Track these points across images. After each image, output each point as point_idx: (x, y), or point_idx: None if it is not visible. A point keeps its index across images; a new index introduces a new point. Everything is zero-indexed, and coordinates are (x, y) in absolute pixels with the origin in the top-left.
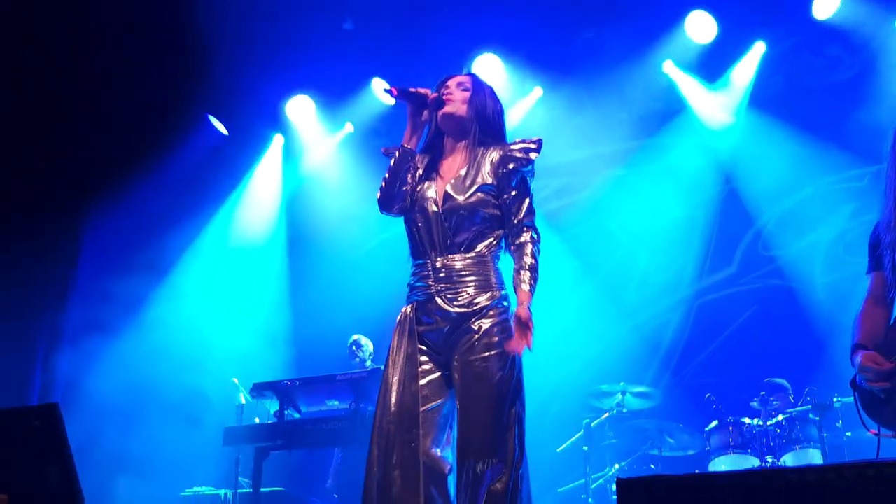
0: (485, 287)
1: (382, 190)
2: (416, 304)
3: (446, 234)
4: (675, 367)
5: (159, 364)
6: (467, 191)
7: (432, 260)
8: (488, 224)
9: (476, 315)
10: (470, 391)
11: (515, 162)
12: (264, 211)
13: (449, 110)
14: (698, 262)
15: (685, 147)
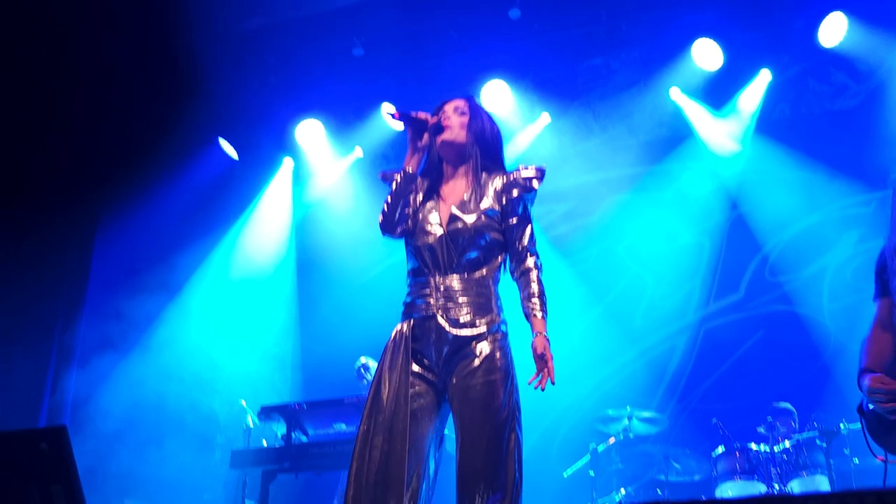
0: (485, 310)
1: (385, 213)
2: (414, 321)
3: (451, 254)
4: (682, 392)
5: (167, 386)
6: (473, 213)
7: (435, 279)
8: (491, 247)
9: (476, 338)
10: (471, 417)
11: (519, 189)
12: (273, 234)
13: (448, 137)
14: (705, 288)
15: (692, 173)
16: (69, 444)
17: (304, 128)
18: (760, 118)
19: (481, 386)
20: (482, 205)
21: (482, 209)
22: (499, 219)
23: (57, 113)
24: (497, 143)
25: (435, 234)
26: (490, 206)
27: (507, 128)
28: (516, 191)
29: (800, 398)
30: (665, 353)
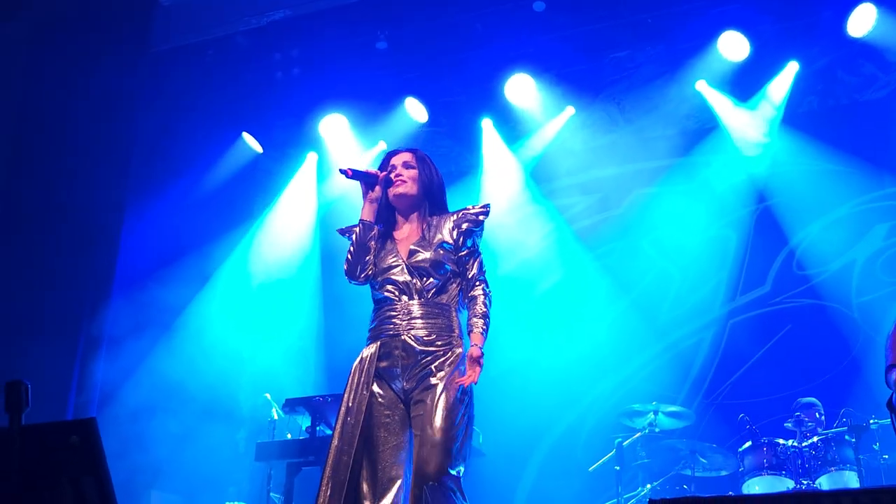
0: (446, 330)
1: (349, 262)
2: (380, 341)
3: (415, 283)
4: (708, 386)
5: (192, 378)
6: (431, 247)
7: (401, 304)
8: (448, 277)
9: (438, 354)
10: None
11: (469, 223)
12: (297, 228)
13: (399, 190)
14: (731, 282)
15: (718, 166)
16: (99, 436)
17: (327, 122)
18: (788, 110)
19: (439, 396)
20: (438, 239)
21: (437, 243)
22: (453, 251)
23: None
24: (442, 191)
25: (398, 268)
26: (444, 240)
27: (531, 122)
28: (466, 225)
29: (828, 393)
30: (691, 347)
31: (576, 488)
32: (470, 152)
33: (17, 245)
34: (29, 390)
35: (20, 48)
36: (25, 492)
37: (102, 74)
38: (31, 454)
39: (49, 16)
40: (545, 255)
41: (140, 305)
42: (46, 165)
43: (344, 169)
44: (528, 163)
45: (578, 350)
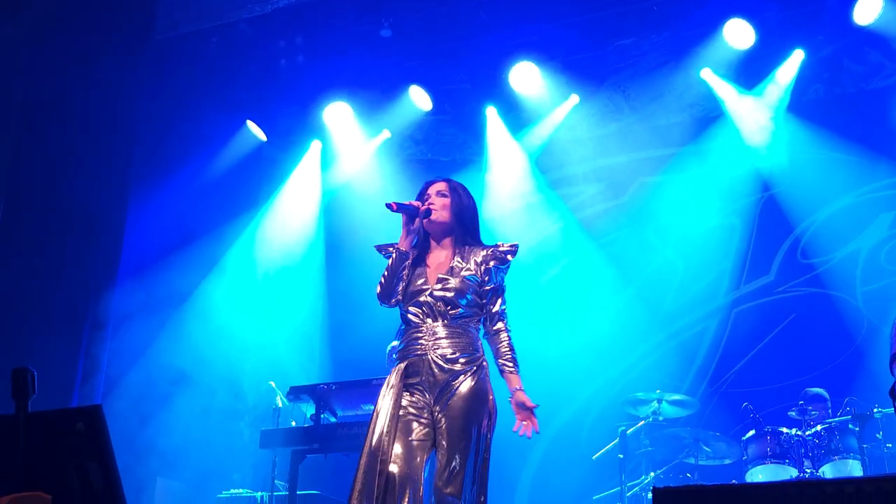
0: (469, 350)
1: (382, 286)
2: (408, 361)
3: (439, 308)
4: (712, 375)
5: (197, 366)
6: (457, 276)
7: (427, 326)
8: (471, 305)
9: (461, 372)
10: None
11: (497, 261)
12: (302, 216)
13: (434, 217)
14: (736, 270)
15: (723, 154)
16: (105, 423)
17: (332, 110)
18: (793, 98)
19: (461, 411)
20: (464, 272)
21: (464, 276)
22: (478, 284)
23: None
24: (474, 218)
25: (426, 293)
26: (471, 273)
27: (536, 110)
28: (493, 262)
29: (832, 382)
30: (696, 336)
31: (579, 477)
32: (474, 140)
33: (22, 233)
34: (35, 377)
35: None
36: (32, 478)
37: (106, 62)
38: (37, 441)
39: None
40: (549, 243)
41: (145, 293)
42: (52, 153)
43: (389, 203)
44: (533, 151)
45: (582, 339)
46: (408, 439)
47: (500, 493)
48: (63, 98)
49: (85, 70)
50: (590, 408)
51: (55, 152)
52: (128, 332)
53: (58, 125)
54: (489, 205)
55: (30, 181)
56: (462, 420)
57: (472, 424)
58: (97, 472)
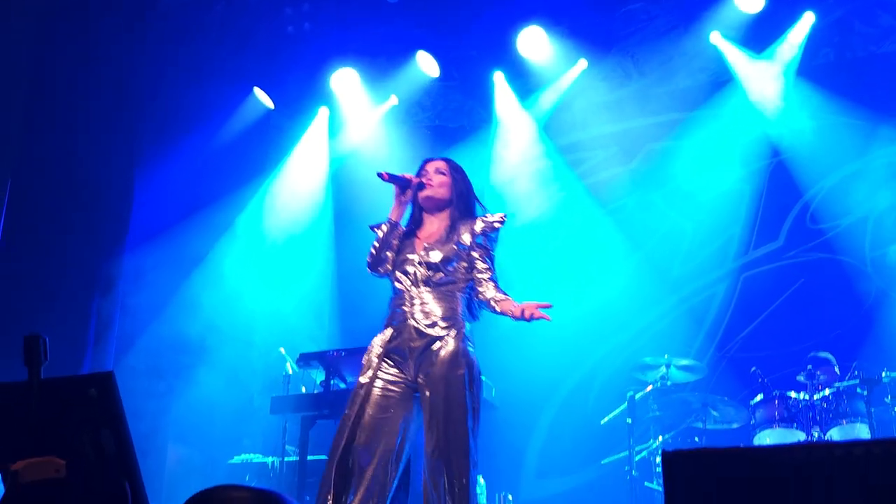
0: (451, 317)
1: (372, 256)
2: (392, 327)
3: (424, 274)
4: (721, 340)
5: (207, 334)
6: (446, 245)
7: (411, 293)
8: (458, 271)
9: (443, 338)
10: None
11: (486, 228)
12: (310, 183)
13: (430, 193)
14: (745, 236)
15: (732, 119)
16: (117, 389)
17: (339, 77)
18: (803, 62)
19: (446, 377)
20: (455, 239)
21: (454, 242)
22: (467, 251)
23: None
24: (471, 198)
25: (413, 262)
26: (460, 240)
27: (543, 75)
28: (481, 228)
29: (841, 346)
30: (704, 301)
31: (588, 441)
32: (482, 106)
33: (32, 201)
34: (47, 344)
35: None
36: (45, 444)
37: (112, 32)
38: (50, 407)
39: None
40: (558, 209)
41: (154, 262)
42: (59, 123)
43: (380, 173)
44: (541, 117)
45: (591, 304)
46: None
47: (509, 457)
48: (69, 69)
49: (90, 40)
50: (598, 373)
51: (62, 122)
52: (138, 300)
53: (65, 95)
54: (497, 171)
55: (39, 152)
56: (447, 389)
57: (458, 392)
58: (109, 437)
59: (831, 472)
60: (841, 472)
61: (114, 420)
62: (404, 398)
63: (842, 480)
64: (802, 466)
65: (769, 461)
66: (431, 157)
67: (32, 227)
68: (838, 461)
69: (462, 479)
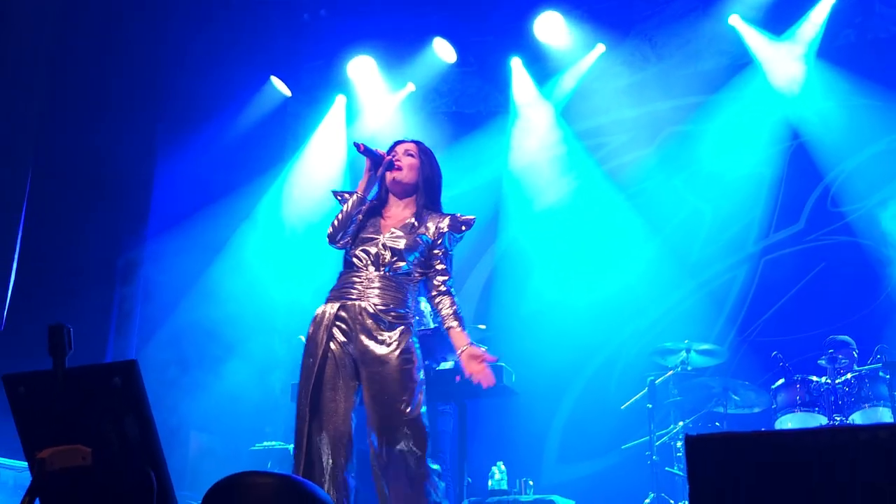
0: (402, 304)
1: (334, 227)
2: (340, 304)
3: (384, 258)
4: (741, 324)
5: (227, 322)
6: (410, 234)
7: (367, 274)
8: (416, 264)
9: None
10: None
11: (452, 229)
12: (328, 171)
13: (398, 176)
14: (765, 219)
15: (752, 102)
16: (140, 377)
17: (356, 64)
18: (824, 44)
19: (393, 366)
20: (420, 231)
21: (418, 234)
22: (428, 246)
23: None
24: (438, 186)
25: (377, 243)
26: (424, 233)
27: (561, 60)
28: (448, 229)
29: (862, 330)
30: (724, 285)
31: (608, 426)
32: (499, 92)
33: (53, 189)
34: (71, 333)
35: None
36: (70, 432)
37: (131, 20)
38: (75, 396)
39: None
40: (576, 194)
41: (174, 250)
42: (79, 112)
43: (357, 143)
44: (559, 102)
45: (610, 289)
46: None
47: (531, 443)
48: (90, 58)
49: (111, 29)
50: (618, 358)
51: (82, 111)
52: (159, 288)
53: (85, 84)
54: (515, 156)
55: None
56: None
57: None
58: (134, 425)
59: (855, 455)
60: (866, 456)
61: (138, 408)
62: (351, 380)
63: (866, 464)
64: (826, 450)
65: (793, 445)
66: (402, 140)
67: (53, 217)
68: (863, 445)
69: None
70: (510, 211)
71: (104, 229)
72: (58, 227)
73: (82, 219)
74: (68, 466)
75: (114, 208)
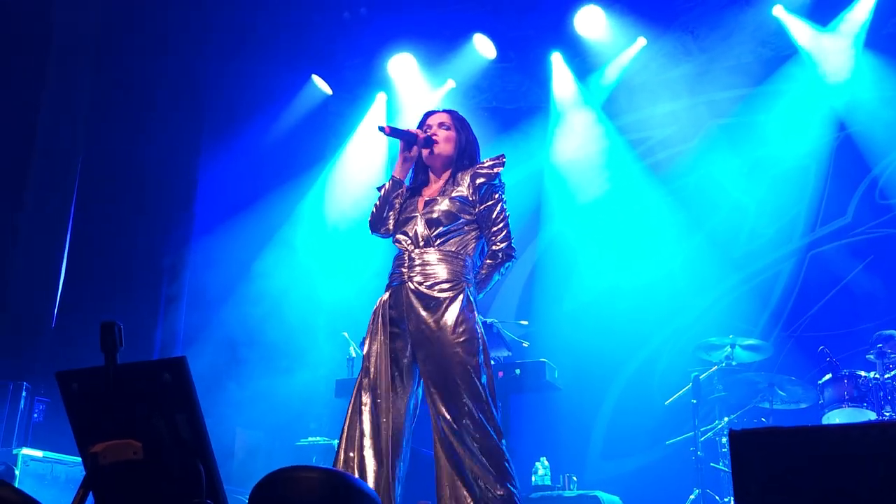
0: (453, 279)
1: (374, 215)
2: (391, 291)
3: (425, 232)
4: (787, 319)
5: (271, 320)
6: (446, 199)
7: (411, 253)
8: (461, 228)
9: (436, 304)
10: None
11: (483, 177)
12: (370, 168)
13: (436, 150)
14: (811, 213)
15: (796, 94)
16: (189, 374)
17: (396, 62)
18: (870, 33)
19: (448, 355)
20: (455, 192)
21: (454, 195)
22: (470, 205)
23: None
24: (476, 152)
25: (413, 219)
26: (460, 193)
27: (602, 55)
28: (480, 180)
29: None
30: (769, 279)
31: (652, 422)
32: (540, 87)
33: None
34: (122, 330)
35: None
36: (122, 427)
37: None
38: (126, 392)
39: None
40: (618, 189)
41: (219, 248)
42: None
43: (382, 126)
44: (600, 96)
45: (653, 284)
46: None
47: (574, 438)
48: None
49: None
50: (662, 354)
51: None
52: (204, 288)
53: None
54: (556, 152)
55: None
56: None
57: (465, 366)
58: (183, 420)
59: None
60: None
61: (187, 404)
62: (409, 369)
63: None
64: (876, 445)
65: (841, 440)
66: (434, 110)
67: (100, 219)
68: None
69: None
70: (552, 205)
71: (151, 227)
72: (105, 226)
73: (129, 220)
74: (120, 460)
75: (160, 209)
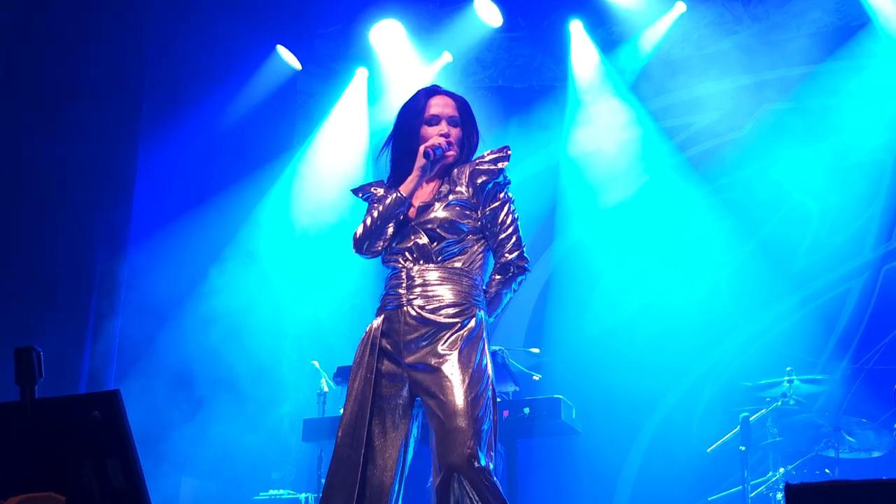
0: (458, 299)
1: (366, 231)
2: (385, 314)
3: (423, 246)
4: (856, 349)
5: (225, 345)
6: (442, 204)
7: (409, 272)
8: (465, 238)
9: (443, 327)
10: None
11: (486, 174)
12: (347, 160)
13: (450, 160)
14: (886, 218)
15: (869, 72)
16: (123, 411)
17: (380, 30)
18: None
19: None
20: (451, 196)
21: (451, 199)
22: (472, 209)
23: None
24: (476, 144)
25: (407, 231)
26: (458, 196)
27: (632, 23)
28: (481, 179)
29: None
30: (835, 300)
31: (692, 472)
32: (555, 63)
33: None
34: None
35: None
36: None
37: None
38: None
39: None
40: (651, 187)
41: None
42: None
43: (427, 152)
44: (629, 74)
45: (692, 305)
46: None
47: (595, 492)
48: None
49: None
50: (703, 389)
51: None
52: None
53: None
54: (576, 141)
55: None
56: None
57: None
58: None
59: None
60: None
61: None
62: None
63: None
64: None
65: None
66: (437, 90)
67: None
68: None
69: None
70: (570, 207)
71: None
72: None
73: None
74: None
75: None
